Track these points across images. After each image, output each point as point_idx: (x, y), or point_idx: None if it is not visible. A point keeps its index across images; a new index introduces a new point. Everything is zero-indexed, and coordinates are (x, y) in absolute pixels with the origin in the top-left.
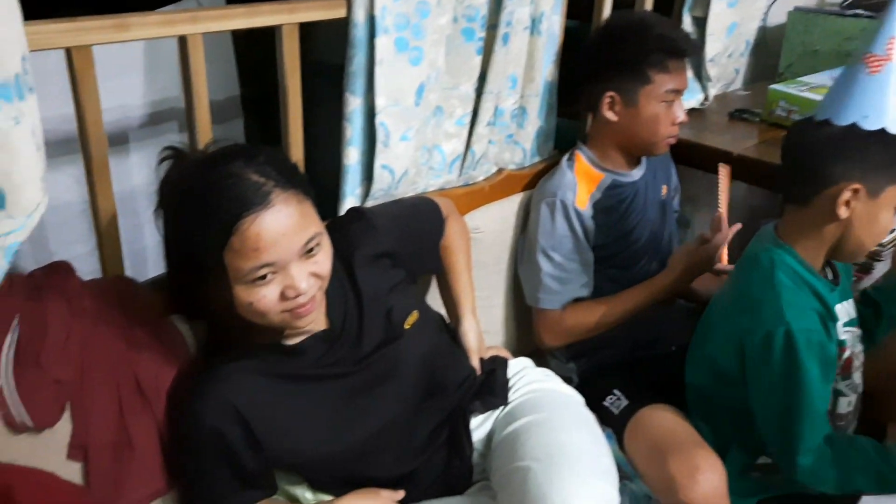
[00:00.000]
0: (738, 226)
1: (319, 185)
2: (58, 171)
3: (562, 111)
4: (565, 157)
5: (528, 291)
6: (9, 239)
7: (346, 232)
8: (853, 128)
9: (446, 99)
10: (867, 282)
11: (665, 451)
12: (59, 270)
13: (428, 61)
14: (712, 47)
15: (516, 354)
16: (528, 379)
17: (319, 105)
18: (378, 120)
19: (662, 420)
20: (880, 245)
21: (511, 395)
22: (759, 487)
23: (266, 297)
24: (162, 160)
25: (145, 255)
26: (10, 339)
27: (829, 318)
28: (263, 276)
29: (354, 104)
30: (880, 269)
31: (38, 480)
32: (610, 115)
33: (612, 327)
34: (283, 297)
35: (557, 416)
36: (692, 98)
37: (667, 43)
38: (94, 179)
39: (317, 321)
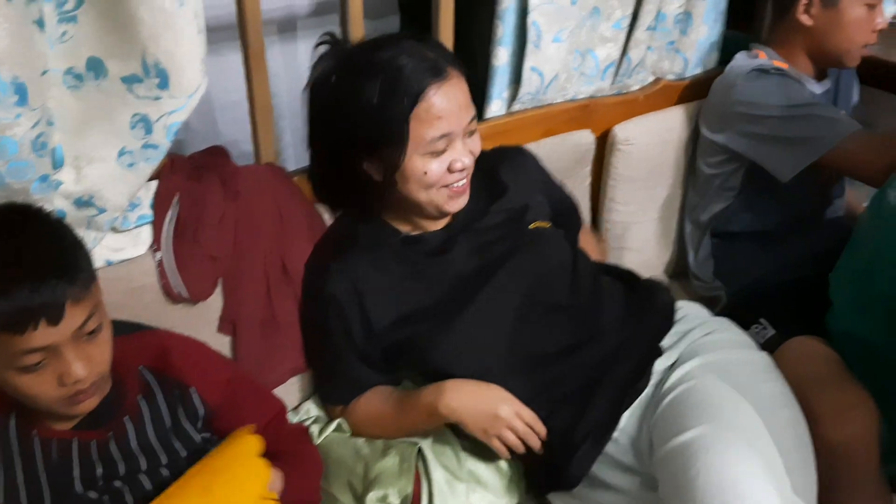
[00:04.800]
0: None
1: (469, 85)
2: (229, 68)
3: (731, 20)
4: (739, 54)
5: (809, 147)
6: (171, 118)
7: (501, 150)
8: None
9: (603, 1)
10: None
11: (813, 385)
12: (217, 154)
13: None
14: None
15: (661, 273)
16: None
17: (475, 2)
18: (530, 19)
19: (811, 353)
20: None
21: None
22: None
23: (435, 170)
24: (319, 44)
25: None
26: (170, 215)
27: None
28: (443, 150)
29: (508, 1)
30: None
31: (192, 347)
32: (804, 19)
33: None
34: (449, 169)
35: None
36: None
37: None
38: (251, 67)
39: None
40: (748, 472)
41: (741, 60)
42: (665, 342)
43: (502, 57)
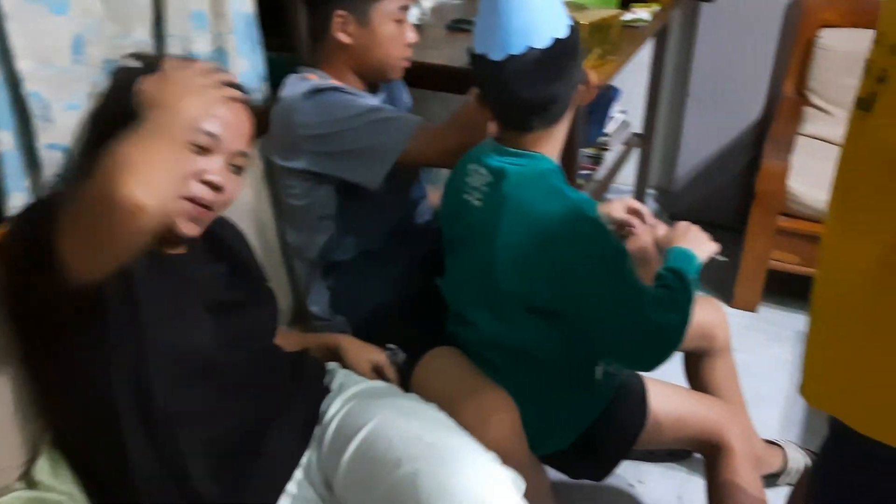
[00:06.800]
0: None
1: None
2: None
3: (269, 44)
4: (289, 78)
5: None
6: None
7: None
8: None
9: (117, 50)
10: (599, 172)
11: (452, 399)
12: None
13: (79, 7)
14: None
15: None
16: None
17: None
18: (27, 89)
19: (445, 367)
20: None
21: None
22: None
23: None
24: None
25: None
26: None
27: None
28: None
29: None
30: (609, 158)
31: None
32: (343, 38)
33: None
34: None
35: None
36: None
37: None
38: None
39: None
40: (428, 425)
41: (293, 84)
42: None
43: (5, 141)
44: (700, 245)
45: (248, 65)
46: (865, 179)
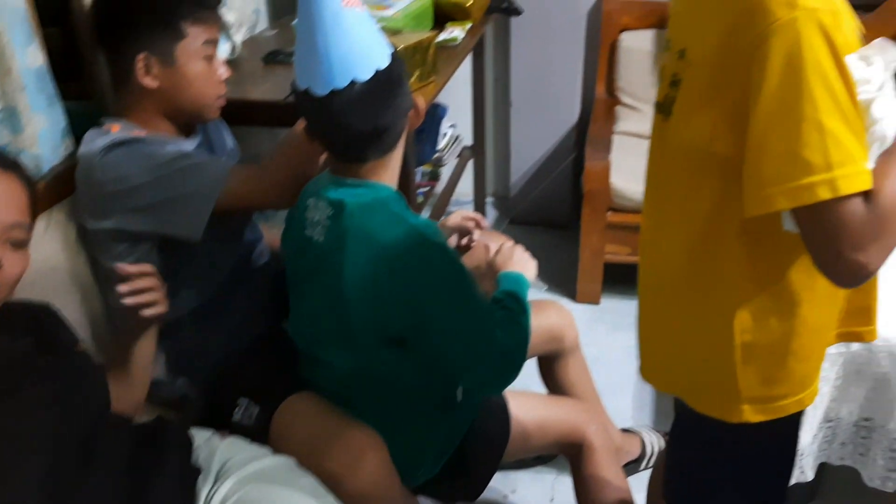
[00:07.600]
0: None
1: None
2: None
3: (69, 91)
4: (88, 133)
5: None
6: None
7: None
8: None
9: None
10: (438, 187)
11: (317, 445)
12: None
13: None
14: None
15: None
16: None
17: None
18: None
19: (304, 413)
20: None
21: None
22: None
23: None
24: None
25: None
26: None
27: None
28: None
29: None
30: (445, 172)
31: None
32: (148, 82)
33: None
34: None
35: None
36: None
37: None
38: None
39: None
40: None
41: (92, 139)
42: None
43: None
44: (526, 266)
45: (46, 121)
46: (671, 177)
